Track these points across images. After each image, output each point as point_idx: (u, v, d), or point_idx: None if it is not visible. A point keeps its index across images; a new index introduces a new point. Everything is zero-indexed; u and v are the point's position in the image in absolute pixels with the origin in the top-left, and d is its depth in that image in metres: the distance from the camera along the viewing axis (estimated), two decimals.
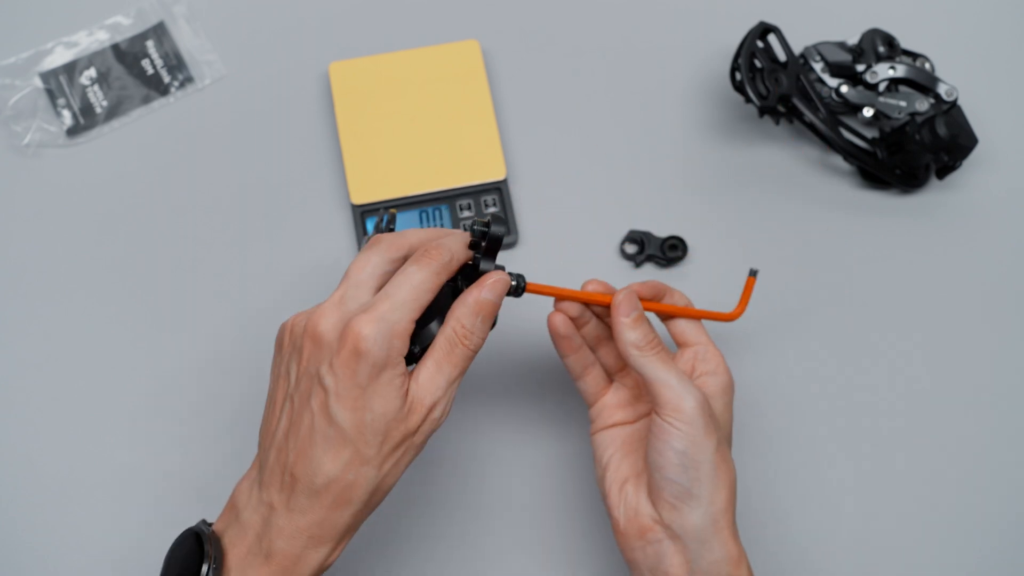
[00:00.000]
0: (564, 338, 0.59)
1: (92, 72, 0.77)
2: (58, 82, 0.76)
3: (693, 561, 0.54)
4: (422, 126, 0.73)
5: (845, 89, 0.73)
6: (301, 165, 0.74)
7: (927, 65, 0.74)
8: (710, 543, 0.54)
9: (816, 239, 0.73)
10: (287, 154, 0.75)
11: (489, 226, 0.53)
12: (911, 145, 0.70)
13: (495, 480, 0.68)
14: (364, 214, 0.72)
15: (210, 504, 0.58)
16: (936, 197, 0.74)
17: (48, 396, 0.69)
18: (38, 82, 0.76)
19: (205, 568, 0.50)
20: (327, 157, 0.75)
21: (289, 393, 0.52)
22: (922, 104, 0.72)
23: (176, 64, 0.77)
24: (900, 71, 0.72)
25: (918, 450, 0.68)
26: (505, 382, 0.69)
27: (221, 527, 0.52)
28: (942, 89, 0.72)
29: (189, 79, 0.77)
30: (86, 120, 0.75)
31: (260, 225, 0.73)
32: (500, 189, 0.73)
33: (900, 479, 0.68)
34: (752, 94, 0.68)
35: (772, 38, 0.74)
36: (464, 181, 0.72)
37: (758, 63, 0.70)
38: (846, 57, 0.73)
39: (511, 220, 0.72)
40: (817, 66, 0.73)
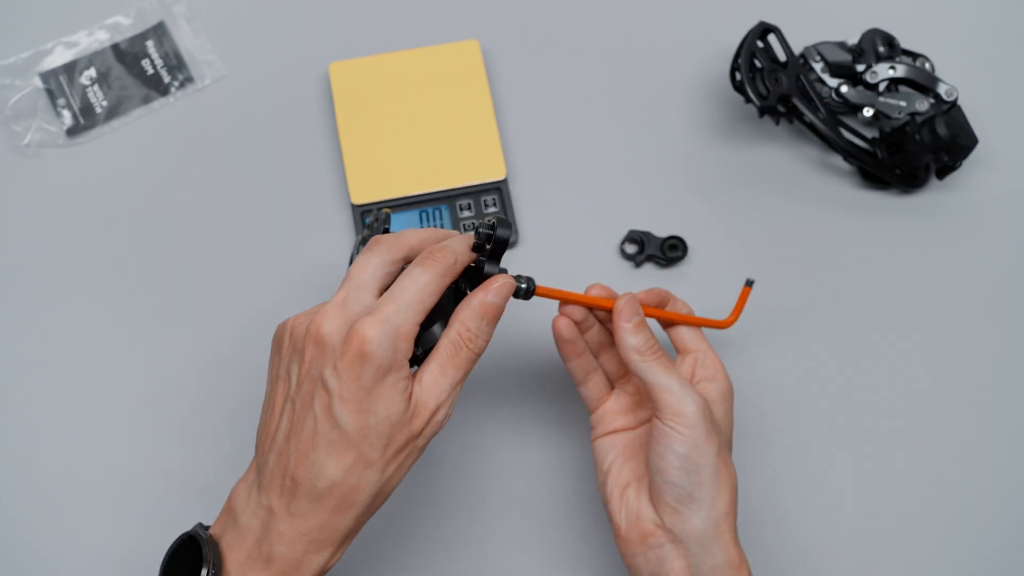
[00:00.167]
0: (568, 342, 0.59)
1: (92, 72, 0.77)
2: (58, 82, 0.76)
3: (695, 566, 0.54)
4: (422, 126, 0.73)
5: (845, 89, 0.73)
6: (301, 165, 0.74)
7: (927, 65, 0.74)
8: (711, 547, 0.54)
9: (816, 239, 0.73)
10: (287, 154, 0.75)
11: (495, 228, 0.53)
12: (911, 145, 0.70)
13: (497, 483, 0.67)
14: (364, 214, 0.72)
15: (211, 504, 0.58)
16: (936, 197, 0.74)
17: (48, 396, 0.69)
18: (38, 82, 0.76)
19: (204, 573, 0.49)
20: (327, 157, 0.75)
21: (290, 395, 0.51)
22: (922, 104, 0.72)
23: (176, 64, 0.77)
24: (900, 71, 0.72)
25: (918, 450, 0.68)
26: (508, 385, 0.69)
27: (218, 531, 0.52)
28: (942, 89, 0.72)
29: (189, 79, 0.77)
30: (86, 120, 0.75)
31: (260, 225, 0.73)
32: (500, 189, 0.73)
33: (900, 479, 0.68)
34: (752, 94, 0.68)
35: (772, 38, 0.74)
36: (464, 181, 0.72)
37: (758, 63, 0.70)
38: (846, 57, 0.73)
39: (511, 220, 0.72)
40: (817, 66, 0.73)
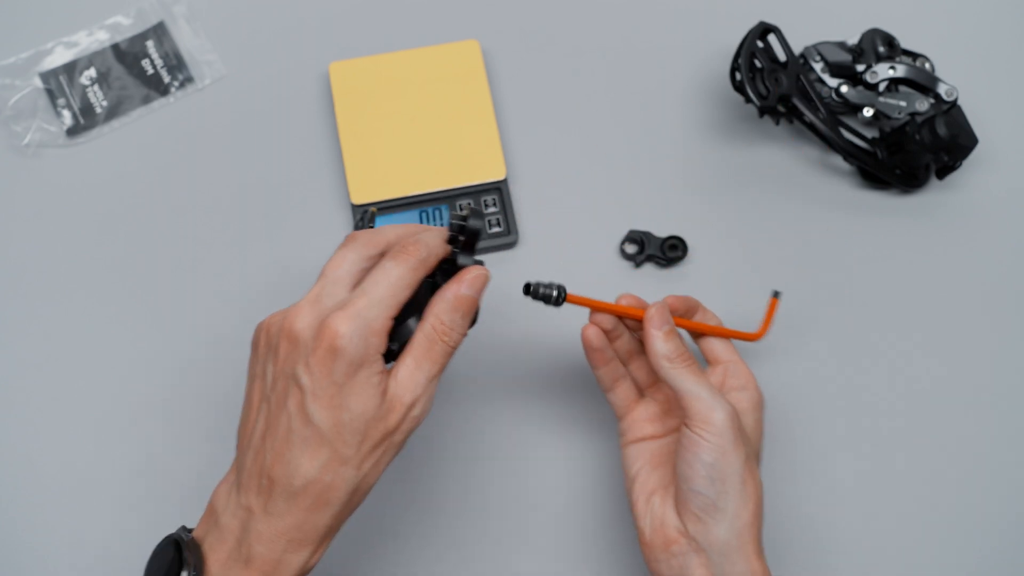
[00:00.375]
0: (596, 350, 0.60)
1: (92, 72, 0.77)
2: (58, 82, 0.76)
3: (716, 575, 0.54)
4: (422, 126, 0.73)
5: (845, 89, 0.73)
6: (301, 165, 0.74)
7: (927, 65, 0.74)
8: (733, 558, 0.54)
9: (816, 239, 0.73)
10: (287, 154, 0.75)
11: (466, 220, 0.53)
12: (911, 145, 0.70)
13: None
14: None
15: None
16: (936, 197, 0.74)
17: (48, 396, 0.69)
18: (38, 82, 0.76)
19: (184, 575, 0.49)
20: (327, 157, 0.75)
21: (266, 394, 0.51)
22: (922, 104, 0.72)
23: (176, 64, 0.77)
24: (900, 71, 0.72)
25: (918, 450, 0.68)
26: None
27: (201, 533, 0.52)
28: (942, 89, 0.72)
29: (189, 79, 0.77)
30: (86, 120, 0.75)
31: (260, 225, 0.73)
32: (500, 189, 0.73)
33: (900, 479, 0.68)
34: (752, 94, 0.68)
35: (772, 38, 0.74)
36: (464, 181, 0.72)
37: (758, 63, 0.70)
38: (846, 57, 0.73)
39: (511, 220, 0.72)
40: (817, 66, 0.73)
